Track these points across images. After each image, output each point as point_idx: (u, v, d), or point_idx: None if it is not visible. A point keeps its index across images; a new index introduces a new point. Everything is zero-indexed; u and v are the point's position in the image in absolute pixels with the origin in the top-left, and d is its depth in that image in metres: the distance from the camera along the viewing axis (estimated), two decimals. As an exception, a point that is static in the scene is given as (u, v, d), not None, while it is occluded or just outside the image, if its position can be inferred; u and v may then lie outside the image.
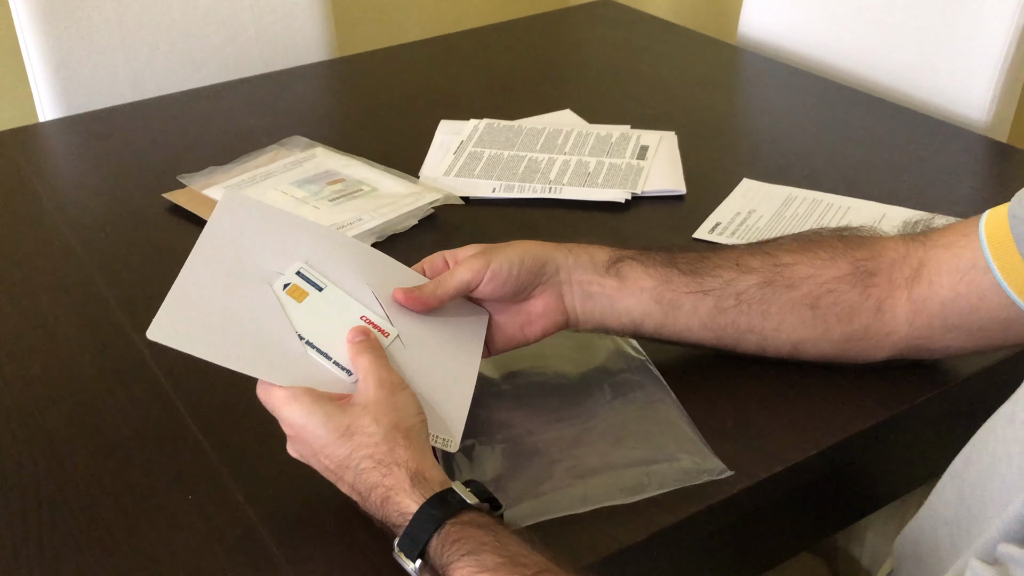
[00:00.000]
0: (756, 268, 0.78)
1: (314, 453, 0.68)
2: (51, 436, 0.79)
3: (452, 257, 0.80)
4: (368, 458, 0.65)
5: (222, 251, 0.75)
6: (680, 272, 0.79)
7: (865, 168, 1.19)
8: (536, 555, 0.60)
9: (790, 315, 0.78)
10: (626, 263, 0.79)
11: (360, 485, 0.65)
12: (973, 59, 1.37)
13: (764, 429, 0.78)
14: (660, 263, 0.79)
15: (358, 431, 0.66)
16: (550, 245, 0.79)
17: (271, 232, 0.77)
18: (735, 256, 0.80)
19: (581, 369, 0.84)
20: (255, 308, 0.72)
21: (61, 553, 0.69)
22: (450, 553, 0.60)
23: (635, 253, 0.80)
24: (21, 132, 1.36)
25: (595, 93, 1.42)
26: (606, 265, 0.79)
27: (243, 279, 0.73)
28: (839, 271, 0.78)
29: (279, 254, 0.76)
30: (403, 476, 0.64)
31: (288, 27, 1.62)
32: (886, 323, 0.78)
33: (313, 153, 1.21)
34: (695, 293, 0.78)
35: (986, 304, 0.75)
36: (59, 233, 1.08)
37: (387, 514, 0.64)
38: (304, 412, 0.67)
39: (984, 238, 0.74)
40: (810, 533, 0.91)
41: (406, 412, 0.68)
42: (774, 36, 1.62)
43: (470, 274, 0.76)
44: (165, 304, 0.70)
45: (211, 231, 0.75)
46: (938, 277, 0.76)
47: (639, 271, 0.79)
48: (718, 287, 0.78)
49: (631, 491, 0.72)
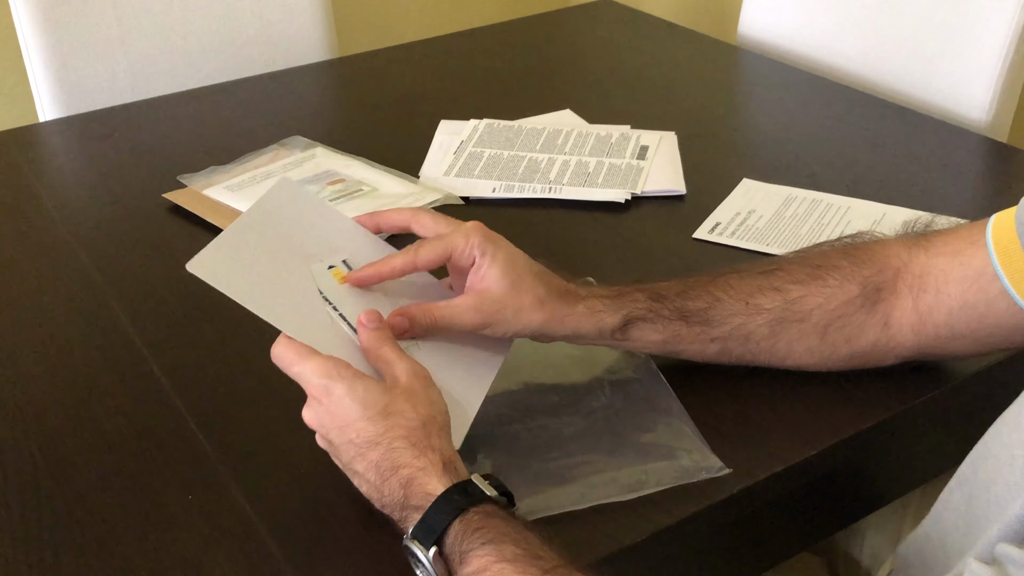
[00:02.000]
0: (767, 308, 0.77)
1: (340, 425, 0.67)
2: (51, 436, 0.79)
3: (435, 227, 0.77)
4: (403, 439, 0.65)
5: (269, 223, 0.76)
6: (689, 325, 0.77)
7: (865, 168, 1.19)
8: (553, 551, 0.60)
9: (798, 345, 0.78)
10: (635, 326, 0.77)
11: (385, 463, 0.65)
12: (973, 59, 1.37)
13: (764, 428, 0.78)
14: (669, 317, 0.77)
15: (396, 413, 0.66)
16: (552, 311, 0.74)
17: (318, 223, 0.79)
18: (746, 295, 0.78)
19: (580, 366, 0.84)
20: (291, 273, 0.74)
21: (61, 553, 0.69)
22: (470, 540, 0.60)
23: (646, 310, 0.76)
24: (21, 132, 1.36)
25: (595, 93, 1.42)
26: (612, 330, 0.76)
27: (285, 251, 0.75)
28: (848, 295, 0.77)
29: (322, 244, 0.77)
30: (436, 460, 0.64)
31: (288, 27, 1.62)
32: (892, 336, 0.78)
33: (313, 153, 1.21)
34: (703, 342, 0.78)
35: (994, 311, 0.74)
36: (59, 233, 1.08)
37: (408, 495, 0.64)
38: (344, 385, 0.67)
39: (991, 245, 0.74)
40: (810, 533, 0.91)
41: (439, 408, 0.69)
42: (774, 36, 1.62)
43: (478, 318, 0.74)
44: (211, 245, 0.72)
45: (261, 205, 0.77)
46: (946, 287, 0.76)
47: (647, 331, 0.77)
48: (726, 334, 0.78)
49: (630, 488, 0.72)
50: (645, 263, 1.02)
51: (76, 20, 1.48)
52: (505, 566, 0.58)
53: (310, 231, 0.78)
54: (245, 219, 0.75)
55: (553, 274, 0.77)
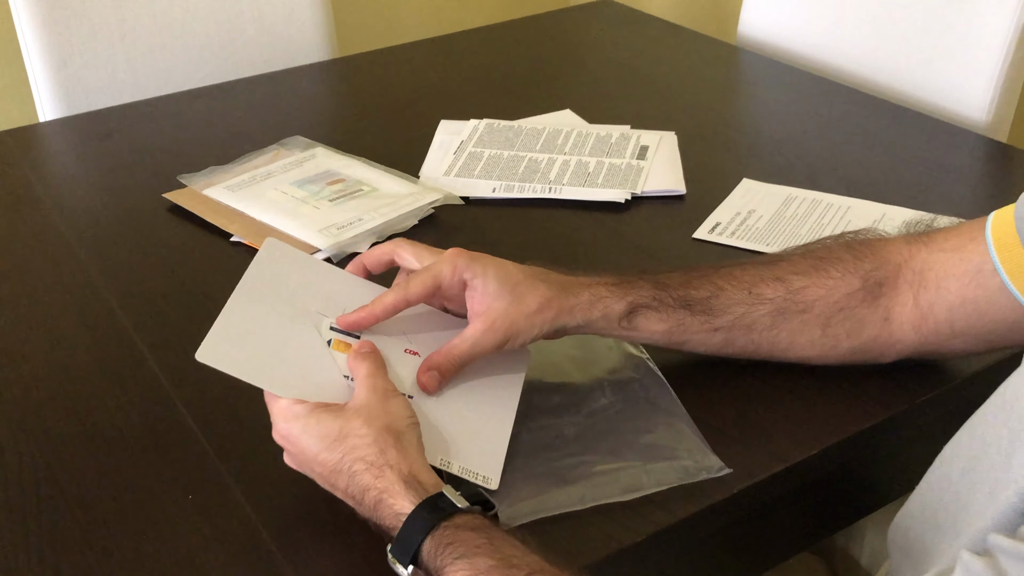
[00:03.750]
0: (770, 298, 0.78)
1: (308, 463, 0.68)
2: (51, 436, 0.79)
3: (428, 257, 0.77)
4: (360, 460, 0.65)
5: (266, 289, 0.76)
6: (692, 314, 0.77)
7: (865, 168, 1.19)
8: (529, 556, 0.60)
9: (800, 336, 0.79)
10: (640, 314, 0.77)
11: (353, 488, 0.66)
12: (973, 59, 1.37)
13: (764, 428, 0.78)
14: (674, 306, 0.77)
15: (350, 434, 0.66)
16: (560, 304, 0.75)
17: (311, 279, 0.79)
18: (748, 284, 0.78)
19: (581, 367, 0.84)
20: (301, 341, 0.74)
21: (61, 553, 0.69)
22: (443, 557, 0.61)
23: (651, 298, 0.77)
24: (21, 132, 1.36)
25: (595, 93, 1.42)
26: (619, 318, 0.77)
27: (289, 315, 0.75)
28: (850, 287, 0.78)
29: (320, 298, 0.77)
30: (395, 478, 0.64)
31: (288, 27, 1.62)
32: (893, 332, 0.78)
33: (313, 153, 1.21)
34: (706, 331, 0.78)
35: (994, 308, 0.75)
36: (59, 233, 1.08)
37: (381, 517, 0.64)
38: (298, 423, 0.68)
39: (991, 241, 0.74)
40: (810, 533, 0.91)
41: (397, 416, 0.68)
42: (774, 36, 1.62)
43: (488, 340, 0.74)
44: (214, 328, 0.72)
45: (254, 272, 0.77)
46: (946, 282, 0.76)
47: (653, 319, 0.77)
48: (729, 323, 0.78)
49: (630, 489, 0.72)
50: (645, 263, 1.02)
51: (76, 20, 1.48)
52: None
53: (307, 288, 0.78)
54: (242, 289, 0.75)
55: (549, 271, 0.77)
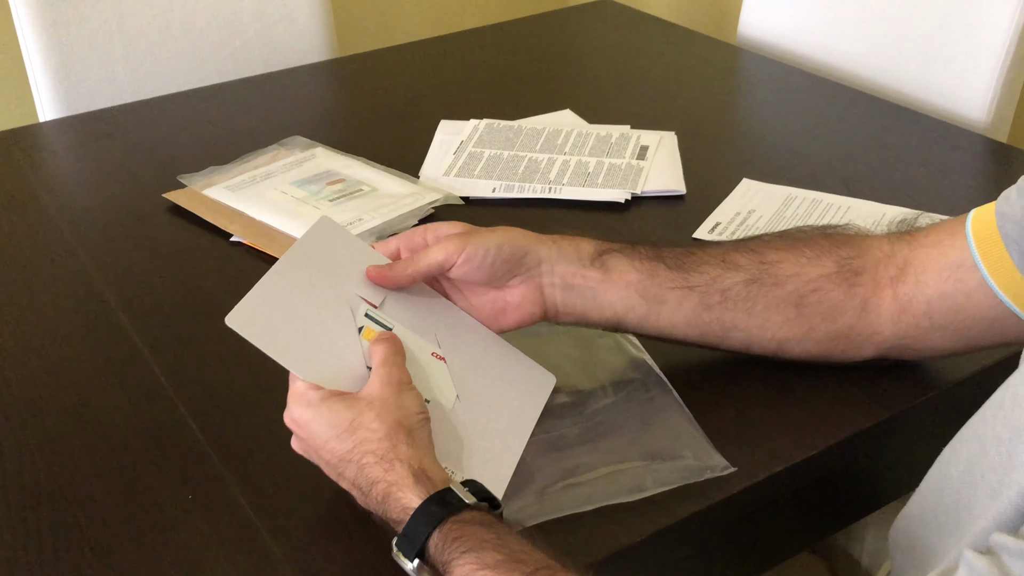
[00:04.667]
0: (742, 265, 0.78)
1: (316, 449, 0.68)
2: (51, 436, 0.79)
3: (433, 233, 0.79)
4: (371, 453, 0.66)
5: (310, 265, 0.76)
6: (666, 267, 0.78)
7: (865, 168, 1.19)
8: (536, 553, 0.60)
9: (775, 313, 0.78)
10: (612, 255, 0.79)
11: (361, 480, 0.66)
12: (973, 59, 1.37)
13: (764, 429, 0.78)
14: (646, 257, 0.79)
15: (361, 426, 0.66)
16: (535, 236, 0.79)
17: (358, 263, 0.78)
18: (721, 253, 0.80)
19: (583, 368, 0.84)
20: (334, 325, 0.74)
21: (61, 553, 0.69)
22: (451, 550, 0.61)
23: (621, 246, 0.80)
24: (21, 132, 1.36)
25: (595, 93, 1.42)
26: (591, 257, 0.79)
27: (327, 295, 0.75)
28: (824, 269, 0.78)
29: (363, 284, 0.77)
30: (405, 472, 0.64)
31: (288, 27, 1.62)
32: (871, 322, 0.78)
33: (313, 153, 1.21)
34: (680, 288, 0.78)
35: (972, 303, 0.75)
36: (59, 233, 1.08)
37: (388, 509, 0.64)
38: (310, 409, 0.68)
39: (971, 236, 0.75)
40: (810, 533, 0.91)
41: (409, 411, 0.68)
42: (774, 36, 1.62)
43: (443, 255, 0.77)
44: (249, 295, 0.71)
45: (301, 246, 0.77)
46: (924, 276, 0.76)
47: (625, 264, 0.78)
48: (704, 284, 0.78)
49: (634, 490, 0.72)
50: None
51: (76, 20, 1.48)
52: (487, 573, 0.59)
53: (350, 270, 0.77)
54: (285, 261, 0.75)
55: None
